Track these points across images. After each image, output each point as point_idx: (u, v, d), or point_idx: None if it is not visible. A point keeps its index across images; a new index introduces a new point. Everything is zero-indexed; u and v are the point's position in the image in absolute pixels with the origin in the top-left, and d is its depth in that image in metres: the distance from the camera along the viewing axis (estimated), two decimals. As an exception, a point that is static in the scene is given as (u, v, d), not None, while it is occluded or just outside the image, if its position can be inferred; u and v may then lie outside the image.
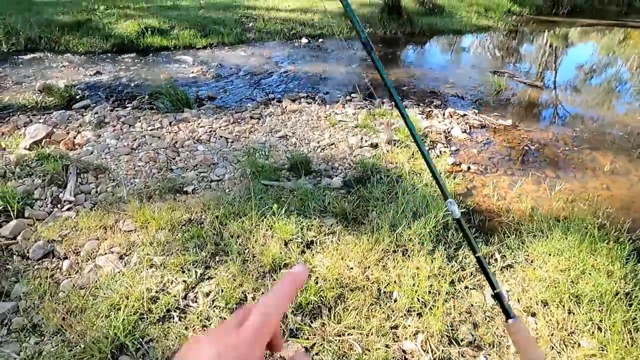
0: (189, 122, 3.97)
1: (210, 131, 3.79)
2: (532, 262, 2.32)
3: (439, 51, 7.19)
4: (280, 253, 2.26)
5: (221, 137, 3.69)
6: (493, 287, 0.47)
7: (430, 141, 3.68)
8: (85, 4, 7.87)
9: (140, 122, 3.97)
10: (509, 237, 2.51)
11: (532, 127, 4.18)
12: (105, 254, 2.31)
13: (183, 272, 2.15)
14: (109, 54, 6.15)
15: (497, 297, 0.47)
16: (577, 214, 2.69)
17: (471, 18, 8.35)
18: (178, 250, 2.30)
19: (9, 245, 2.34)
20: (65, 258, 2.29)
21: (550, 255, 2.29)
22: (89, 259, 2.28)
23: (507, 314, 0.46)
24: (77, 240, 2.39)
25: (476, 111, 4.40)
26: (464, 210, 2.73)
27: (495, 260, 2.36)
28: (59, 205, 2.70)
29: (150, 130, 3.81)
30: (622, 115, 4.72)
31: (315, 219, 2.57)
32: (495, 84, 5.08)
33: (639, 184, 3.23)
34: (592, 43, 8.40)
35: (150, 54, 6.22)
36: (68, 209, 2.68)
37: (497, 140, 3.85)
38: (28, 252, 2.30)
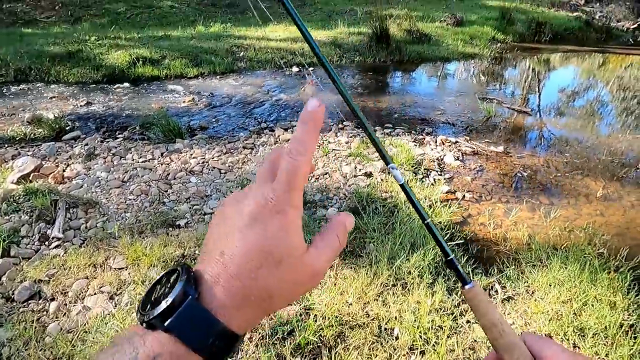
0: (181, 152, 3.94)
1: (203, 162, 3.75)
2: (533, 293, 2.29)
3: (428, 78, 7.33)
4: (277, 290, 2.20)
5: (214, 168, 3.65)
6: (446, 254, 0.45)
7: (424, 169, 3.68)
8: (77, 34, 7.90)
9: (131, 153, 3.92)
10: (508, 267, 2.48)
11: (523, 153, 4.22)
12: (95, 293, 2.23)
13: (176, 312, 2.07)
14: (100, 84, 6.14)
15: (450, 263, 0.45)
16: (574, 243, 2.68)
17: (457, 46, 8.56)
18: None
19: (-7, 287, 2.24)
20: (53, 299, 2.20)
21: (551, 286, 2.27)
22: (77, 300, 2.19)
23: (463, 280, 0.44)
24: (65, 279, 2.31)
25: (467, 138, 4.45)
26: (461, 240, 2.71)
27: (496, 291, 2.33)
28: (46, 243, 2.62)
29: (142, 161, 3.76)
30: (606, 137, 4.82)
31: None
32: (485, 110, 5.16)
33: (632, 210, 3.25)
34: (574, 68, 8.65)
35: (142, 84, 6.22)
36: (56, 247, 2.60)
37: (490, 167, 3.87)
38: (13, 294, 2.20)
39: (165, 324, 0.34)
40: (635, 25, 11.17)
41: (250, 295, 0.36)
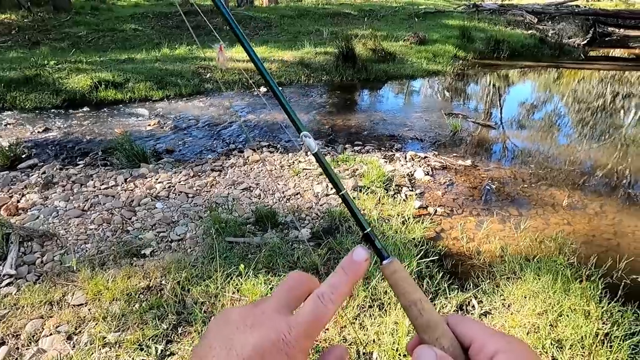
0: (146, 177, 3.79)
1: (169, 187, 3.62)
2: (509, 306, 2.28)
3: (394, 95, 7.46)
4: (250, 318, 2.09)
5: (181, 192, 3.52)
6: (362, 227, 0.41)
7: (395, 185, 3.68)
8: (34, 59, 7.62)
9: (92, 180, 3.74)
10: (483, 281, 2.47)
11: (490, 166, 4.30)
12: (51, 334, 2.06)
13: (141, 349, 1.94)
14: (60, 110, 5.90)
15: (367, 237, 0.41)
16: (545, 253, 2.72)
17: (421, 63, 8.78)
18: (135, 323, 2.09)
19: None
20: (3, 343, 2.01)
21: (526, 298, 2.26)
22: (30, 343, 2.01)
23: (381, 255, 0.40)
24: (17, 320, 2.12)
25: (436, 153, 4.50)
26: (436, 256, 2.69)
27: (473, 307, 2.31)
28: (-3, 281, 2.42)
29: (104, 188, 3.59)
30: (565, 148, 5.00)
31: (284, 276, 2.43)
32: (451, 125, 5.26)
33: (596, 217, 3.34)
34: (531, 82, 9.03)
35: (104, 108, 6.03)
36: (8, 284, 2.40)
37: (459, 181, 3.92)
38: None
39: None
40: (585, 42, 11.83)
41: None
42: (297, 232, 2.96)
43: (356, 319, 2.14)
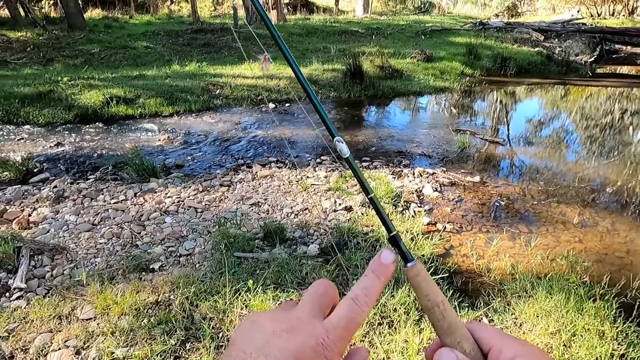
0: (156, 192, 3.82)
1: (179, 201, 3.64)
2: (521, 325, 2.24)
3: (402, 112, 7.50)
4: (258, 335, 2.08)
5: (190, 207, 3.54)
6: (389, 230, 0.42)
7: (404, 201, 3.67)
8: (48, 75, 7.80)
9: (103, 194, 3.78)
10: (494, 299, 2.44)
11: (498, 182, 4.28)
12: (59, 349, 2.05)
13: (149, 365, 1.92)
14: (72, 125, 6.00)
15: (393, 240, 0.42)
16: (557, 271, 2.68)
17: (428, 80, 8.84)
18: (144, 339, 2.08)
19: (-56, 347, 2.04)
20: (12, 357, 2.01)
21: (538, 317, 2.23)
22: (39, 357, 2.01)
23: (405, 258, 0.41)
24: (26, 334, 2.12)
25: (444, 169, 4.50)
26: (446, 273, 2.67)
27: (484, 325, 2.27)
28: (7, 294, 2.43)
29: (114, 203, 3.62)
30: (574, 164, 4.97)
31: (293, 292, 2.42)
32: (459, 141, 5.27)
33: (608, 235, 3.30)
34: (539, 99, 9.04)
35: (115, 124, 6.12)
36: (18, 298, 2.42)
37: (468, 198, 3.90)
38: (-33, 354, 2.01)
39: None
40: (592, 59, 11.87)
41: None
42: (306, 247, 2.95)
43: (365, 336, 2.12)
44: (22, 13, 13.55)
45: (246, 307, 2.27)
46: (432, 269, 2.62)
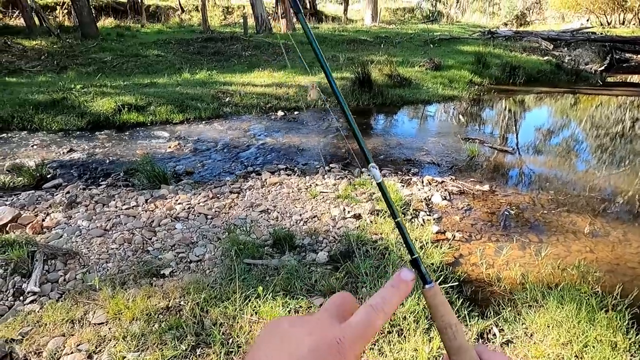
0: (166, 198, 3.86)
1: (189, 208, 3.68)
2: (531, 335, 2.22)
3: (410, 120, 7.51)
4: (268, 341, 2.09)
5: (200, 213, 3.58)
6: (411, 253, 0.46)
7: (413, 209, 3.67)
8: (62, 83, 7.94)
9: (114, 200, 3.83)
10: (504, 308, 2.43)
11: (508, 191, 4.27)
12: (72, 352, 2.08)
13: (160, 370, 1.94)
14: (84, 132, 6.10)
15: (415, 263, 0.45)
16: (568, 281, 2.66)
17: (437, 89, 8.86)
18: (155, 344, 2.10)
19: (-40, 349, 2.08)
20: (25, 361, 2.04)
21: (549, 327, 2.21)
22: (52, 361, 2.03)
23: (425, 279, 0.45)
24: (39, 338, 2.16)
25: (453, 177, 4.49)
26: (455, 282, 2.66)
27: (494, 335, 2.26)
28: (21, 298, 2.47)
29: (125, 209, 3.67)
30: (584, 174, 4.94)
31: (302, 299, 2.43)
32: (468, 150, 5.26)
33: (620, 245, 3.27)
34: (548, 108, 9.00)
35: (127, 130, 6.21)
36: (32, 302, 2.45)
37: (477, 206, 3.89)
38: (-18, 356, 2.04)
39: None
40: (602, 68, 11.80)
41: None
42: (315, 255, 2.96)
43: (375, 344, 2.12)
44: (37, 22, 13.83)
45: (256, 313, 2.28)
46: (441, 278, 2.62)
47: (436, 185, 4.27)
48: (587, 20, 20.32)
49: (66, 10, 16.77)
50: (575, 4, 21.14)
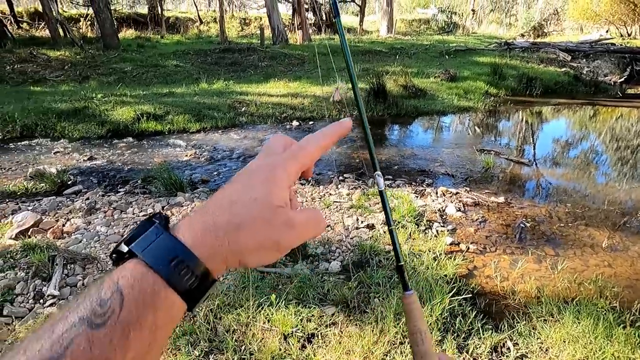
0: (182, 206, 3.93)
1: (204, 215, 3.73)
2: (547, 350, 2.19)
3: (425, 131, 7.50)
4: (280, 349, 2.10)
5: (215, 221, 3.62)
6: (398, 260, 0.49)
7: (427, 220, 3.66)
8: (84, 92, 8.18)
9: (132, 207, 3.91)
10: (518, 322, 2.39)
11: (524, 204, 4.22)
12: (88, 355, 2.12)
13: (174, 375, 1.97)
14: (104, 140, 6.26)
15: (400, 269, 0.49)
16: (585, 296, 2.61)
17: (452, 100, 8.84)
18: (168, 349, 2.13)
19: (-18, 349, 2.14)
20: (44, 362, 2.09)
21: (565, 342, 2.17)
22: (69, 363, 2.08)
23: (406, 286, 0.49)
24: (58, 340, 2.20)
25: (468, 189, 4.46)
26: (469, 294, 2.64)
27: (508, 349, 2.23)
28: (41, 301, 2.54)
29: (143, 215, 3.74)
30: (603, 187, 4.85)
31: (315, 308, 2.44)
32: (483, 161, 5.23)
33: (640, 260, 3.20)
34: (566, 119, 8.89)
35: (145, 139, 6.35)
36: (51, 305, 2.51)
37: (492, 218, 3.85)
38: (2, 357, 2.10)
39: (127, 248, 0.35)
40: (622, 79, 11.62)
41: (217, 222, 0.36)
42: (327, 264, 2.97)
43: (387, 355, 2.11)
44: (62, 33, 14.30)
45: (268, 321, 2.30)
46: (454, 289, 2.60)
47: (450, 197, 4.25)
48: (607, 32, 20.06)
49: (89, 22, 17.31)
50: (594, 15, 20.91)
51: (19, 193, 4.25)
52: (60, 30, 14.33)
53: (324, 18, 21.39)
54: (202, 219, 0.37)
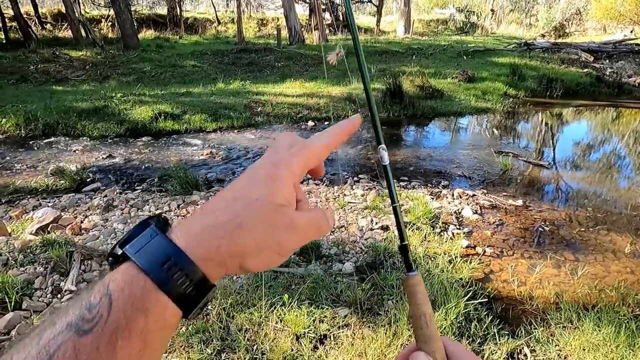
0: (198, 204, 3.95)
1: (219, 214, 3.75)
2: (565, 358, 2.13)
3: (441, 132, 7.41)
4: (292, 349, 2.09)
5: (229, 220, 3.64)
6: (402, 239, 0.46)
7: (442, 222, 3.61)
8: (104, 91, 8.34)
9: (148, 205, 3.96)
10: (536, 328, 2.34)
11: (543, 207, 4.12)
12: (103, 351, 2.15)
13: (186, 372, 1.98)
14: (123, 138, 6.36)
15: (404, 249, 0.46)
16: (606, 303, 2.53)
17: (470, 101, 8.71)
18: (181, 346, 2.14)
19: (1, 342, 2.19)
20: None
21: (585, 350, 2.11)
22: None
23: (410, 267, 0.46)
24: (74, 335, 2.24)
25: (485, 191, 4.39)
26: (485, 298, 2.59)
27: (525, 355, 2.18)
28: (59, 296, 2.58)
29: (159, 213, 3.77)
30: (626, 191, 4.71)
31: (327, 309, 2.42)
32: (501, 163, 5.13)
33: (664, 267, 3.09)
34: (587, 121, 8.67)
35: (162, 138, 6.43)
36: (68, 300, 2.56)
37: (510, 221, 3.78)
38: None
39: (121, 250, 0.34)
40: (647, 81, 11.28)
41: (216, 222, 0.35)
42: (341, 265, 2.95)
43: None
44: (84, 34, 14.61)
45: (281, 321, 2.29)
46: (470, 293, 2.55)
47: (467, 199, 4.19)
48: (631, 32, 19.51)
49: (110, 23, 17.65)
50: (618, 14, 20.39)
51: (39, 189, 4.35)
52: (82, 31, 14.65)
53: (341, 18, 21.37)
54: (201, 220, 0.35)
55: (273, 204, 0.36)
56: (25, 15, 15.56)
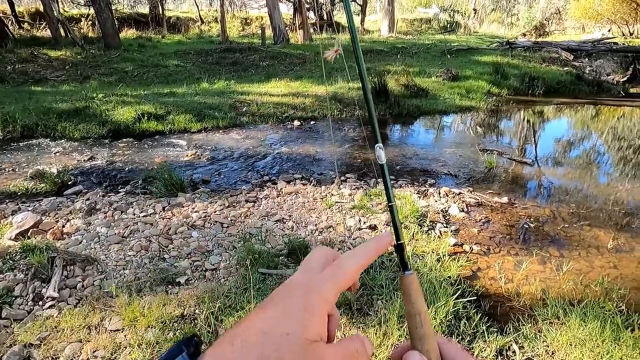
0: (183, 206, 3.90)
1: (205, 216, 3.71)
2: (553, 354, 2.15)
3: (427, 131, 7.46)
4: (282, 353, 2.07)
5: (216, 222, 3.60)
6: (398, 238, 0.47)
7: (430, 221, 3.63)
8: (85, 92, 8.15)
9: (132, 207, 3.88)
10: (524, 325, 2.36)
11: (527, 204, 4.18)
12: (88, 359, 2.10)
13: (174, 379, 1.94)
14: (105, 140, 6.23)
15: (399, 248, 0.46)
16: (591, 298, 2.57)
17: (454, 99, 8.79)
18: (169, 352, 2.10)
19: (-19, 353, 2.12)
20: (43, 366, 2.06)
21: (572, 345, 2.14)
22: (69, 366, 2.05)
23: (405, 266, 0.46)
24: (57, 343, 2.18)
25: (471, 189, 4.43)
26: (473, 297, 2.60)
27: (514, 352, 2.19)
28: (40, 303, 2.51)
29: (143, 216, 3.71)
30: (606, 186, 4.81)
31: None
32: (486, 161, 5.19)
33: (646, 262, 3.16)
34: (568, 119, 8.84)
35: (146, 139, 6.32)
36: (50, 307, 2.49)
37: (496, 219, 3.82)
38: (1, 360, 2.07)
39: None
40: (625, 79, 11.56)
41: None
42: (330, 265, 2.94)
43: (390, 358, 2.08)
44: (63, 33, 14.28)
45: (270, 324, 2.26)
46: (458, 291, 2.57)
47: (453, 197, 4.22)
48: (609, 31, 19.97)
49: (90, 22, 17.28)
50: (596, 14, 20.84)
51: (19, 193, 4.23)
52: (62, 30, 14.32)
53: (326, 17, 21.35)
54: (229, 352, 0.34)
55: (304, 341, 0.35)
56: (1, 14, 15.14)
